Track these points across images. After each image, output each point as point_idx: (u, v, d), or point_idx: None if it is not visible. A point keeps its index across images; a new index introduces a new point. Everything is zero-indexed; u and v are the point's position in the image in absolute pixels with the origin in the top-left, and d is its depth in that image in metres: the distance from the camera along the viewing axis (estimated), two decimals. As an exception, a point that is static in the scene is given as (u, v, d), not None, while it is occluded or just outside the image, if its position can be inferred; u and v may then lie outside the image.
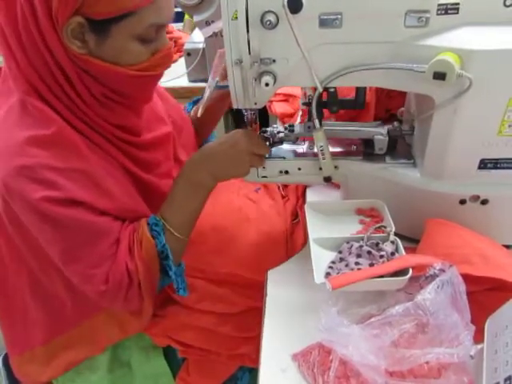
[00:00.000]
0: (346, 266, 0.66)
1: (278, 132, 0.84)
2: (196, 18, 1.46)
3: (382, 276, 0.61)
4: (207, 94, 0.85)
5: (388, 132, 0.80)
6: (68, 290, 0.77)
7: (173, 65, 1.99)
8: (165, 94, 0.96)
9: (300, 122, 0.95)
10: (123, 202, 0.72)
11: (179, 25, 2.19)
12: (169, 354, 0.88)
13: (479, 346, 0.54)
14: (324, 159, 0.78)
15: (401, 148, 0.83)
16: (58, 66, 0.64)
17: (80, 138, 0.68)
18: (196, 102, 1.07)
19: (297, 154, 0.83)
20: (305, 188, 1.01)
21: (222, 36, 0.66)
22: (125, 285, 0.71)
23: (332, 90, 0.76)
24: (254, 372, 0.89)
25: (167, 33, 1.96)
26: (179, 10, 1.64)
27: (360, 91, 0.78)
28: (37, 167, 0.62)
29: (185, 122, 0.98)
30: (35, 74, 0.64)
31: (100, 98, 0.69)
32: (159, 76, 0.74)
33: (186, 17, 2.10)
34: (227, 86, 0.72)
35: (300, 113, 1.08)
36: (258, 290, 0.80)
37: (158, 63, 0.70)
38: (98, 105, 0.69)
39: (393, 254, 0.66)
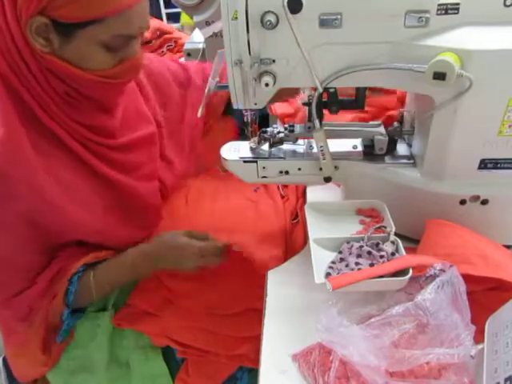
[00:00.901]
0: (347, 266, 0.66)
1: (278, 132, 0.83)
2: (196, 19, 1.46)
3: (382, 276, 0.61)
4: (206, 94, 0.84)
5: (388, 132, 0.80)
6: None
7: (173, 65, 1.97)
8: (162, 82, 0.93)
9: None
10: (70, 214, 0.72)
11: (177, 25, 2.19)
12: (168, 354, 0.88)
13: (479, 347, 0.54)
14: (324, 159, 0.78)
15: (401, 148, 0.83)
16: (23, 60, 0.63)
17: (36, 140, 0.67)
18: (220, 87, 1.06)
19: (297, 155, 0.83)
20: (305, 188, 1.01)
21: (222, 36, 0.66)
22: (20, 317, 0.77)
23: (332, 90, 0.76)
24: (253, 372, 0.89)
25: (167, 33, 1.96)
26: (177, 10, 1.63)
27: (360, 91, 0.78)
28: None
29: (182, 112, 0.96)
30: (6, 65, 0.64)
31: (64, 97, 0.68)
32: (124, 84, 0.74)
33: (183, 18, 2.09)
34: (227, 87, 0.72)
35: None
36: (257, 291, 0.80)
37: (122, 72, 0.69)
38: (63, 102, 0.68)
39: (393, 254, 0.66)
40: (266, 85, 0.68)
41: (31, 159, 0.66)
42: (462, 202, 0.74)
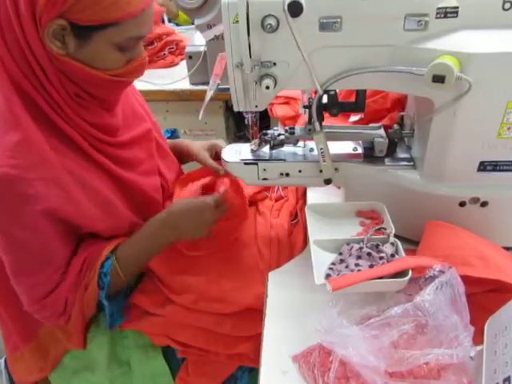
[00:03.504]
0: (346, 267, 0.67)
1: (279, 134, 0.84)
2: (197, 22, 1.47)
3: (381, 277, 0.62)
4: (208, 96, 0.85)
5: (388, 134, 0.81)
6: None
7: (174, 68, 2.01)
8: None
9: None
10: (89, 210, 0.74)
11: (178, 28, 2.18)
12: (168, 353, 0.88)
13: (479, 348, 0.55)
14: (324, 161, 0.78)
15: (401, 150, 0.83)
16: (38, 63, 0.65)
17: (51, 140, 0.69)
18: (172, 134, 1.11)
19: (297, 157, 0.84)
20: (305, 189, 1.01)
21: (223, 39, 0.67)
22: (58, 313, 0.77)
23: (332, 92, 0.76)
24: (253, 372, 0.89)
25: (169, 35, 1.97)
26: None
27: (360, 94, 0.78)
28: (4, 177, 0.63)
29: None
30: (18, 70, 0.65)
31: (74, 98, 0.70)
32: (130, 82, 0.78)
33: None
34: (228, 89, 0.73)
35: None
36: (257, 290, 0.81)
37: (131, 71, 0.72)
38: (73, 103, 0.70)
39: (392, 255, 0.66)
40: (267, 87, 0.69)
41: (52, 159, 0.68)
42: (462, 204, 0.74)
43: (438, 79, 0.61)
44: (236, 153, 0.85)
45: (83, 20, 0.62)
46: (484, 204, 0.74)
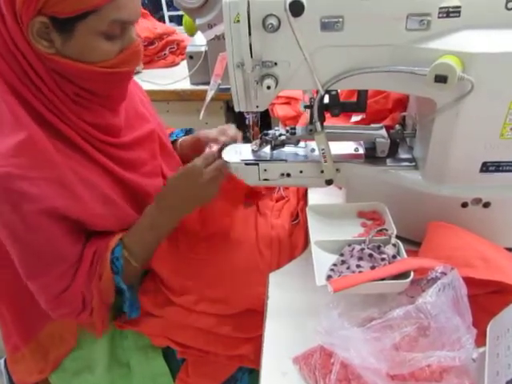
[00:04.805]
0: (348, 268, 0.66)
1: (280, 135, 0.84)
2: (198, 21, 1.47)
3: (383, 279, 0.61)
4: (209, 96, 0.85)
5: (390, 135, 0.80)
6: None
7: (175, 68, 2.01)
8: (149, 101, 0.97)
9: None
10: (94, 209, 0.74)
11: (179, 28, 2.18)
12: (168, 354, 0.88)
13: (481, 350, 0.54)
14: (326, 162, 0.78)
15: (402, 151, 0.83)
16: (29, 65, 0.65)
17: (52, 141, 0.68)
18: (187, 133, 1.08)
19: (298, 157, 0.83)
20: (306, 190, 1.01)
21: (224, 39, 0.67)
22: (78, 309, 0.77)
23: (333, 92, 0.76)
24: (253, 374, 0.89)
25: (169, 34, 1.97)
26: (179, 12, 1.64)
27: (361, 94, 0.78)
28: (7, 176, 0.63)
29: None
30: (11, 72, 0.65)
31: (72, 97, 0.69)
32: (129, 73, 0.75)
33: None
34: (229, 89, 0.72)
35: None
36: (257, 291, 0.80)
37: (125, 60, 0.70)
38: (72, 102, 0.70)
39: (394, 256, 0.66)
40: (268, 87, 0.69)
41: (56, 159, 0.68)
42: (464, 205, 0.74)
43: (441, 79, 0.60)
44: (237, 153, 0.85)
45: (61, 12, 0.62)
46: (486, 205, 0.73)
